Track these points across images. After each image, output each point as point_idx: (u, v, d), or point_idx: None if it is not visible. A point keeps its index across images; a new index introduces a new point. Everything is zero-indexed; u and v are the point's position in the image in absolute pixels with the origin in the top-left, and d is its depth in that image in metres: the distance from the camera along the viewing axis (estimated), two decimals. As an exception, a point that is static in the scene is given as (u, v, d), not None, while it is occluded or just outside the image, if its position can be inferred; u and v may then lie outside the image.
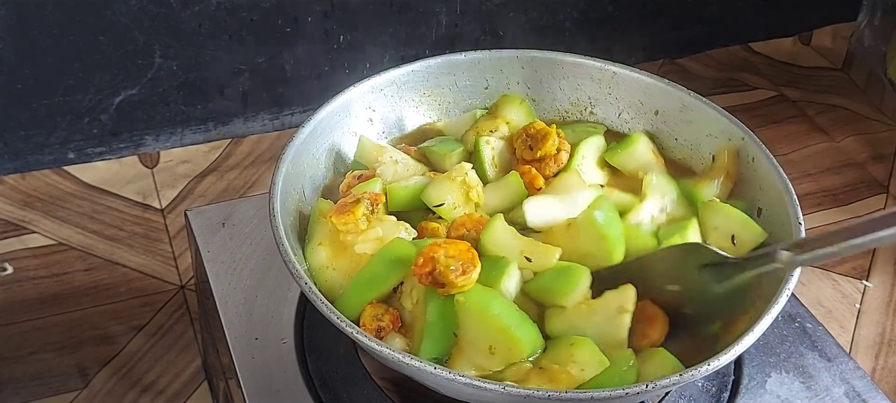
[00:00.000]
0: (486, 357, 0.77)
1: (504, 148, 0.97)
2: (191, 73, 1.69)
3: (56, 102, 1.62)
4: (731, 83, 2.04)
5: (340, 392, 0.91)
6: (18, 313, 1.42)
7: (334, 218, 0.84)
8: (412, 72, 1.03)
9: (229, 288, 1.01)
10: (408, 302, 0.81)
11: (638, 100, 1.04)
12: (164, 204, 1.64)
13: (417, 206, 0.90)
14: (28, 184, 1.65)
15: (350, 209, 0.84)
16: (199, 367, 1.36)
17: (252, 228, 1.09)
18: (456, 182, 0.89)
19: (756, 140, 0.94)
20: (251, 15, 1.66)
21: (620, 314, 0.79)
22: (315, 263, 0.85)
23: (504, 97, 1.04)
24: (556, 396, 0.70)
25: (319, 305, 0.75)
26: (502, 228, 0.84)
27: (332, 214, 0.85)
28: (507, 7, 1.84)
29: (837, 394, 0.93)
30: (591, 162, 0.96)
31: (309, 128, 0.93)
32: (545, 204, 0.87)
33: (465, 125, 1.03)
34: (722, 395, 0.93)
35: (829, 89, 2.04)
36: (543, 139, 0.94)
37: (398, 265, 0.81)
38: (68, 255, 1.52)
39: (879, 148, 1.86)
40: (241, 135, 1.80)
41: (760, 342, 0.91)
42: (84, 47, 1.58)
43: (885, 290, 1.55)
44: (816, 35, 2.18)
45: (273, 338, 0.96)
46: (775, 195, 0.89)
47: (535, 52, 1.06)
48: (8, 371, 1.33)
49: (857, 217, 1.69)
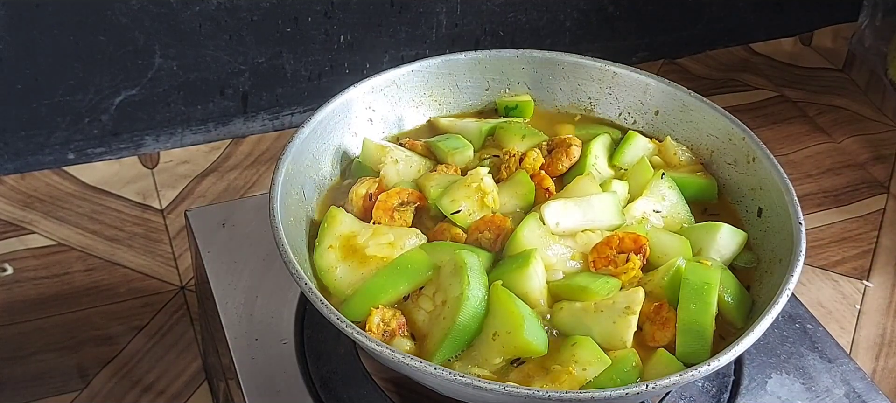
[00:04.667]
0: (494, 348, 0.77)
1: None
2: (191, 73, 1.69)
3: (56, 102, 1.62)
4: (732, 83, 2.04)
5: (341, 392, 0.91)
6: (18, 313, 1.42)
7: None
8: (412, 72, 1.03)
9: (229, 288, 1.01)
10: (428, 304, 0.81)
11: (638, 100, 1.04)
12: (164, 205, 1.64)
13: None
14: (28, 184, 1.65)
15: (397, 210, 0.88)
16: (199, 368, 1.35)
17: (252, 228, 1.08)
18: (471, 188, 0.89)
19: (756, 140, 0.94)
20: (251, 15, 1.66)
21: (627, 314, 0.79)
22: (324, 265, 0.85)
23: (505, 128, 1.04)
24: (557, 396, 0.70)
25: (319, 305, 0.75)
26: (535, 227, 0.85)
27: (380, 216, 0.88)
28: (507, 7, 1.84)
29: (838, 395, 0.93)
30: (603, 161, 0.97)
31: (309, 128, 0.93)
32: (564, 208, 0.87)
33: (471, 123, 1.03)
34: (722, 395, 0.93)
35: (829, 90, 2.04)
36: (567, 148, 0.95)
37: (412, 274, 0.82)
38: (68, 256, 1.52)
39: (880, 148, 1.86)
40: (241, 135, 1.80)
41: (760, 342, 0.91)
42: (84, 47, 1.58)
43: (885, 291, 1.54)
44: (817, 35, 2.18)
45: (273, 339, 0.96)
46: (775, 195, 0.90)
47: (535, 52, 1.06)
48: (8, 372, 1.33)
49: (858, 217, 1.69)
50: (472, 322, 0.78)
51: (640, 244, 0.84)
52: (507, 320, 0.77)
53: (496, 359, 0.78)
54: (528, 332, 0.77)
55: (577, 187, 0.91)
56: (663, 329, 0.81)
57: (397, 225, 0.88)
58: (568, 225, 0.86)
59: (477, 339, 0.79)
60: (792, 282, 0.79)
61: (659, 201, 0.92)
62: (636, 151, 0.98)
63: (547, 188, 0.92)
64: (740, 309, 0.84)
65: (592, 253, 0.85)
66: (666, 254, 0.86)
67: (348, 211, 0.90)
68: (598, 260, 0.84)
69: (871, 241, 1.64)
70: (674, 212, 0.92)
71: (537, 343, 0.77)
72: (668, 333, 0.80)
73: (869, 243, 1.64)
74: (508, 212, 0.90)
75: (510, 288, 0.80)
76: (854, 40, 2.04)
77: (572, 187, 0.91)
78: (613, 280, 0.82)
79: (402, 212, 0.89)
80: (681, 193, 0.93)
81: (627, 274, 0.83)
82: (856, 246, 1.63)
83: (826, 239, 1.64)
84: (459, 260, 0.80)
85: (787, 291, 0.78)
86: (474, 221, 0.87)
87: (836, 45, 2.16)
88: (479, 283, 0.79)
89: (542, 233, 0.85)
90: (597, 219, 0.87)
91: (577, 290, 0.82)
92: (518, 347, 0.77)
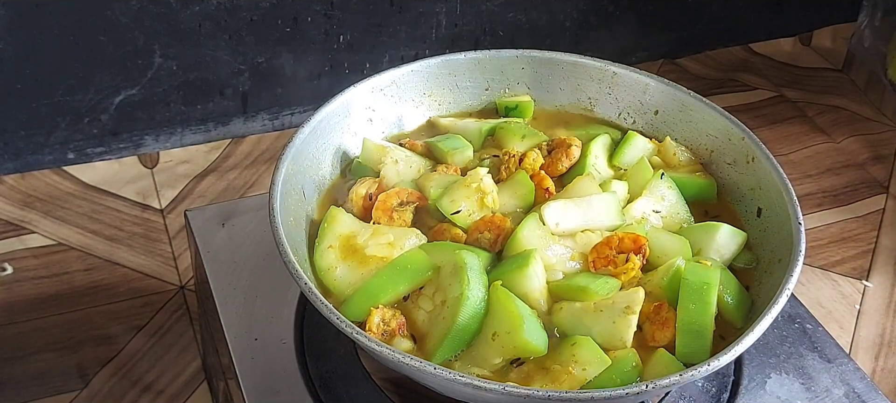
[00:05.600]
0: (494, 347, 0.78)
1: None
2: (191, 73, 1.69)
3: (56, 102, 1.62)
4: (731, 83, 2.04)
5: (340, 392, 0.91)
6: (18, 313, 1.42)
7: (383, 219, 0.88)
8: (412, 72, 1.03)
9: (229, 288, 1.01)
10: (428, 304, 0.81)
11: (638, 100, 1.04)
12: (164, 205, 1.64)
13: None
14: (28, 184, 1.65)
15: (397, 210, 0.88)
16: (198, 367, 1.36)
17: (252, 228, 1.08)
18: (471, 188, 0.89)
19: (756, 140, 0.94)
20: (251, 15, 1.66)
21: (627, 314, 0.79)
22: (324, 265, 0.85)
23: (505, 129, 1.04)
24: (556, 396, 0.70)
25: (319, 305, 0.75)
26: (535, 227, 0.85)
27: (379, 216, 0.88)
28: (507, 7, 1.84)
29: (837, 395, 0.93)
30: (603, 162, 0.97)
31: (309, 128, 0.93)
32: (563, 209, 0.87)
33: (471, 123, 1.03)
34: (722, 395, 0.93)
35: (829, 90, 2.04)
36: (567, 149, 0.95)
37: (412, 274, 0.82)
38: (68, 255, 1.52)
39: (879, 148, 1.86)
40: (241, 135, 1.80)
41: (760, 342, 0.91)
42: (84, 47, 1.58)
43: (885, 291, 1.55)
44: (817, 35, 2.18)
45: (273, 338, 0.96)
46: (775, 195, 0.90)
47: (535, 52, 1.06)
48: (8, 371, 1.33)
49: (857, 217, 1.70)
50: (471, 322, 0.78)
51: (639, 244, 0.84)
52: (507, 320, 0.77)
53: (496, 359, 0.78)
54: (527, 332, 0.77)
55: (577, 187, 0.91)
56: (663, 329, 0.81)
57: (397, 225, 0.88)
58: (568, 226, 0.86)
59: (477, 339, 0.79)
60: (791, 282, 0.79)
61: (658, 201, 0.92)
62: (636, 152, 0.98)
63: (546, 188, 0.92)
64: (740, 309, 0.84)
65: (592, 253, 0.85)
66: (665, 254, 0.86)
67: (348, 211, 0.90)
68: (598, 261, 0.84)
69: (871, 241, 1.64)
70: (673, 213, 0.92)
71: (537, 343, 0.78)
72: (668, 333, 0.80)
73: (868, 243, 1.64)
74: (508, 213, 0.90)
75: (510, 288, 0.80)
76: (854, 40, 2.04)
77: (572, 187, 0.91)
78: (613, 280, 0.82)
79: (401, 212, 0.89)
80: (680, 193, 0.93)
81: (627, 274, 0.83)
82: (855, 246, 1.63)
83: (825, 239, 1.64)
84: (459, 260, 0.80)
85: (786, 291, 0.78)
86: (474, 221, 0.88)
87: (836, 45, 2.16)
88: (478, 283, 0.79)
89: (542, 234, 0.85)
90: (596, 220, 0.87)
91: (577, 290, 0.82)
92: (518, 347, 0.77)
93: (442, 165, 0.96)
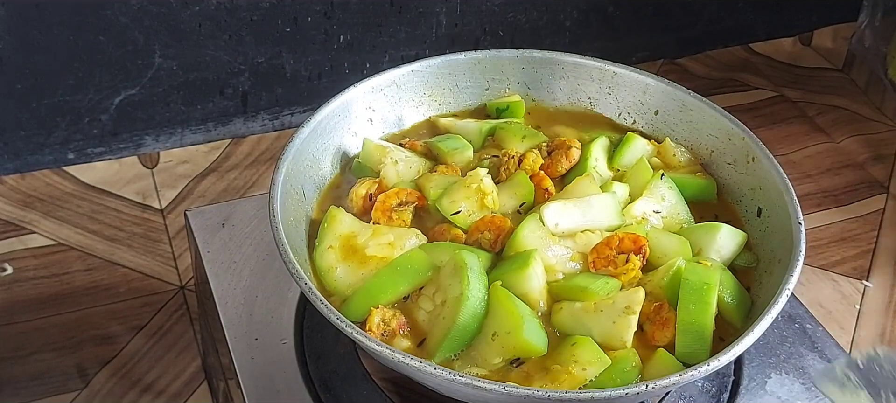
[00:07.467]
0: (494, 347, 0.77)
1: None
2: (191, 73, 1.69)
3: (56, 102, 1.62)
4: (732, 83, 2.04)
5: (340, 392, 0.91)
6: (18, 313, 1.42)
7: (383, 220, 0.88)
8: (412, 72, 1.03)
9: (229, 288, 1.01)
10: (428, 304, 0.81)
11: (638, 100, 1.04)
12: (164, 205, 1.64)
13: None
14: (28, 184, 1.65)
15: (397, 210, 0.88)
16: (198, 367, 1.36)
17: (252, 228, 1.08)
18: (471, 189, 0.89)
19: (756, 140, 0.94)
20: (251, 15, 1.66)
21: (627, 314, 0.79)
22: (324, 265, 0.85)
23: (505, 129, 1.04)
24: (556, 396, 0.70)
25: (319, 305, 0.75)
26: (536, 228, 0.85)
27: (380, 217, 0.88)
28: (507, 7, 1.84)
29: (837, 395, 0.93)
30: (603, 163, 0.97)
31: (309, 128, 0.93)
32: (563, 209, 0.87)
33: (471, 123, 1.03)
34: (722, 395, 0.93)
35: (829, 90, 2.04)
36: (567, 150, 0.95)
37: (412, 274, 0.82)
38: (68, 255, 1.52)
39: (880, 148, 1.86)
40: (241, 135, 1.80)
41: (760, 342, 0.91)
42: (84, 47, 1.58)
43: (885, 291, 1.54)
44: (817, 35, 2.18)
45: (273, 339, 0.96)
46: (775, 195, 0.90)
47: (535, 52, 1.06)
48: (8, 372, 1.33)
49: (857, 217, 1.70)
50: (471, 322, 0.78)
51: (639, 244, 0.84)
52: (507, 320, 0.77)
53: (496, 359, 0.78)
54: (527, 332, 0.77)
55: (577, 188, 0.91)
56: (663, 329, 0.81)
57: (397, 225, 0.88)
58: (567, 226, 0.86)
59: (476, 339, 0.79)
60: (791, 282, 0.79)
61: (658, 202, 0.92)
62: (635, 153, 0.98)
63: (546, 189, 0.92)
64: (740, 309, 0.84)
65: (592, 253, 0.85)
66: (666, 255, 0.86)
67: (348, 211, 0.90)
68: (598, 261, 0.84)
69: (871, 241, 1.64)
70: (673, 213, 0.92)
71: (537, 344, 0.78)
72: (668, 333, 0.80)
73: (868, 243, 1.64)
74: (508, 213, 0.90)
75: (510, 288, 0.80)
76: (854, 40, 2.04)
77: (572, 188, 0.91)
78: (613, 280, 0.82)
79: (401, 213, 0.89)
80: (680, 194, 0.93)
81: (627, 274, 0.83)
82: (855, 246, 1.63)
83: (826, 239, 1.64)
84: (459, 260, 0.80)
85: (786, 291, 0.78)
86: (474, 222, 0.88)
87: (836, 45, 2.16)
88: (478, 283, 0.79)
89: (542, 234, 0.85)
90: (596, 220, 0.87)
91: (577, 291, 0.82)
92: (518, 347, 0.77)
93: (442, 165, 0.96)
